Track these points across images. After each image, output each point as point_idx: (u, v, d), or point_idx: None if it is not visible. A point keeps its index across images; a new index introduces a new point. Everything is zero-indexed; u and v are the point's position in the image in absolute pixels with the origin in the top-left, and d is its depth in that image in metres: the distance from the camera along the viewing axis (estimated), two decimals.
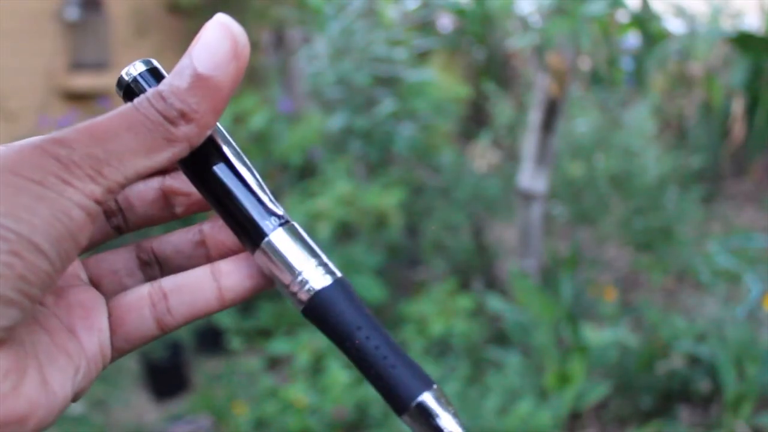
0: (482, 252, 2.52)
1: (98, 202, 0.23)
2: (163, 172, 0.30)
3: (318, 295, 0.26)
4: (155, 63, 0.27)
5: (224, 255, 0.29)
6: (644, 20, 2.02)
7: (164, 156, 0.24)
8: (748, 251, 2.43)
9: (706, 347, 1.78)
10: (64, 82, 3.58)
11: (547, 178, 2.14)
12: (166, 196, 0.30)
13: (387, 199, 2.22)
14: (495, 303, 2.00)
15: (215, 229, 0.30)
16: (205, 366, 2.25)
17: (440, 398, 0.24)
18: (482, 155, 3.11)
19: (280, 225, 0.27)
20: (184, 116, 0.24)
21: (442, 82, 2.86)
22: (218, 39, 0.24)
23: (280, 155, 2.67)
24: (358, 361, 0.26)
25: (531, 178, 2.12)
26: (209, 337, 2.28)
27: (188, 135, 0.24)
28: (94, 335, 0.27)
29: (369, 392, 1.73)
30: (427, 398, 0.24)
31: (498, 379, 1.72)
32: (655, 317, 1.95)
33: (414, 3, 2.78)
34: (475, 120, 3.44)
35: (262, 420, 1.74)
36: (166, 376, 2.16)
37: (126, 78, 0.27)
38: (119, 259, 0.30)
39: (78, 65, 3.66)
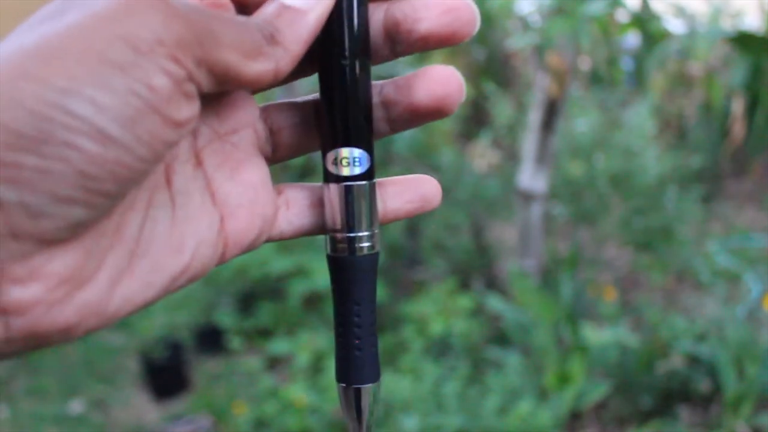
0: (482, 252, 2.52)
1: (187, 74, 0.21)
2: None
3: (353, 260, 0.27)
4: None
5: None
6: (644, 20, 2.02)
7: (254, 67, 0.23)
8: (748, 251, 2.43)
9: (706, 347, 1.77)
10: None
11: (547, 178, 2.14)
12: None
13: None
14: (495, 303, 2.00)
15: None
16: (205, 366, 2.25)
17: (375, 394, 0.28)
18: (482, 155, 3.11)
19: (368, 177, 0.27)
20: (273, 38, 0.24)
21: None
22: None
23: None
24: (338, 325, 0.28)
25: (531, 178, 2.12)
26: (209, 337, 2.28)
27: (277, 57, 0.24)
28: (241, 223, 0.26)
29: None
30: (364, 390, 0.28)
31: (498, 379, 1.72)
32: (655, 317, 1.95)
33: None
34: (475, 120, 3.43)
35: (262, 420, 1.74)
36: (166, 376, 2.16)
37: None
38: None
39: None
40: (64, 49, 0.20)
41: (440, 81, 0.27)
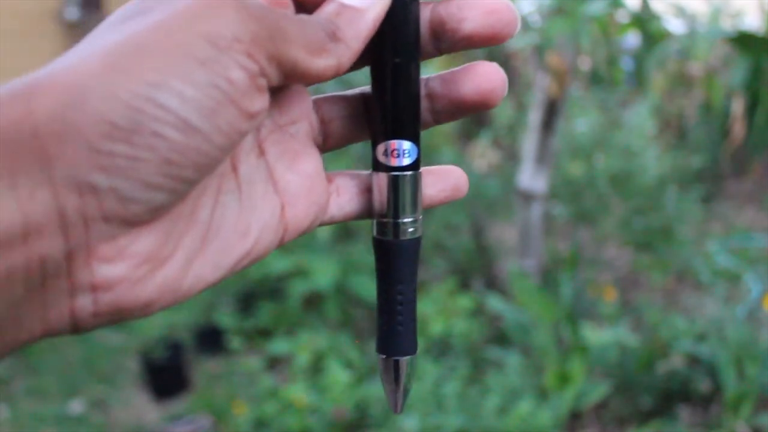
0: (482, 252, 2.52)
1: (261, 69, 0.23)
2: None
3: (398, 243, 0.29)
4: None
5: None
6: (644, 20, 2.02)
7: (319, 63, 0.24)
8: (748, 251, 2.43)
9: (706, 347, 1.77)
10: None
11: (547, 178, 2.14)
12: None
13: None
14: (495, 303, 2.00)
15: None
16: (205, 366, 2.25)
17: (412, 365, 0.31)
18: (482, 155, 3.11)
19: (414, 168, 0.29)
20: (335, 35, 0.25)
21: None
22: None
23: None
24: (382, 302, 0.30)
25: (531, 178, 2.12)
26: (209, 337, 2.28)
27: (339, 53, 0.25)
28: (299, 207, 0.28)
29: (369, 392, 1.73)
30: (403, 361, 0.30)
31: (498, 379, 1.72)
32: (655, 317, 1.95)
33: None
34: (475, 120, 3.44)
35: (262, 420, 1.74)
36: (166, 376, 2.16)
37: None
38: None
39: None
40: (151, 45, 0.21)
41: (486, 76, 0.28)
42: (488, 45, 0.28)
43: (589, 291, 2.21)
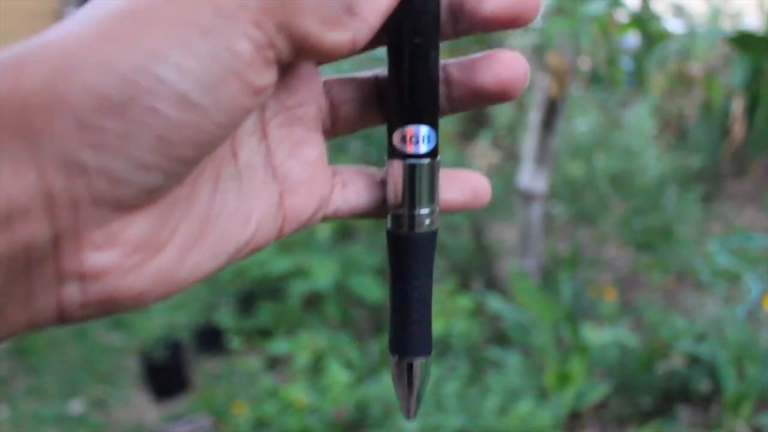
0: (482, 252, 2.52)
1: (269, 40, 0.21)
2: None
3: (414, 236, 0.28)
4: None
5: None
6: (644, 20, 2.02)
7: (333, 36, 0.22)
8: (748, 251, 2.43)
9: (706, 347, 1.77)
10: None
11: (547, 178, 2.14)
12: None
13: None
14: (495, 303, 2.00)
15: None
16: (205, 366, 2.25)
17: (427, 367, 0.29)
18: (482, 155, 3.11)
19: (432, 156, 0.27)
20: (351, 9, 0.23)
21: None
22: None
23: None
24: (396, 299, 0.28)
25: (531, 178, 2.12)
26: (209, 337, 2.28)
27: (355, 27, 0.23)
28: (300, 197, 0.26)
29: (369, 392, 1.73)
30: (417, 363, 0.28)
31: (498, 379, 1.72)
32: (655, 317, 1.95)
33: None
34: (475, 120, 3.44)
35: (262, 420, 1.74)
36: (166, 376, 2.16)
37: None
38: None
39: None
40: (150, 13, 0.20)
41: (507, 65, 0.27)
42: (509, 28, 0.26)
43: (589, 291, 2.21)
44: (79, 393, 2.19)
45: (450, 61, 0.28)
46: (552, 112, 2.04)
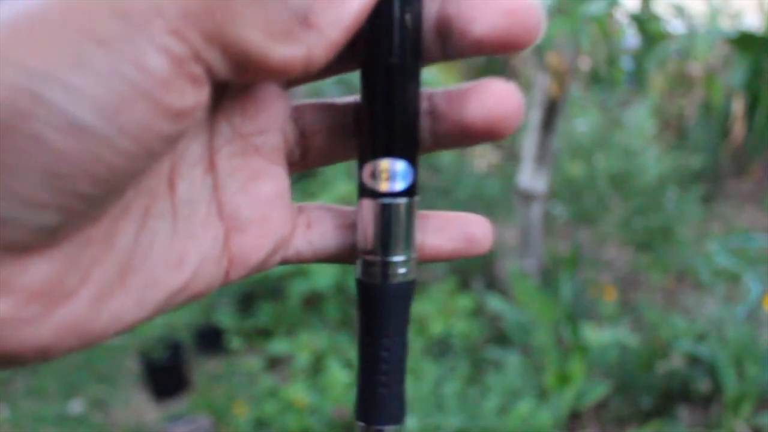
0: None
1: (193, 53, 0.17)
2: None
3: (386, 287, 0.24)
4: None
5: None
6: (644, 20, 2.02)
7: (280, 51, 0.19)
8: (748, 251, 2.43)
9: (706, 347, 1.77)
10: None
11: (547, 178, 2.14)
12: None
13: None
14: (495, 303, 2.00)
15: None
16: (205, 366, 2.25)
17: None
18: (482, 155, 3.11)
19: (409, 194, 0.24)
20: (306, 20, 0.20)
21: (442, 81, 2.87)
22: None
23: None
24: (363, 358, 0.25)
25: (531, 178, 2.12)
26: (209, 337, 2.28)
27: (310, 42, 0.20)
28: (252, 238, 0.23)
29: None
30: (388, 431, 0.25)
31: (498, 379, 1.72)
32: (655, 317, 1.95)
33: None
34: None
35: (262, 420, 1.74)
36: (166, 376, 2.16)
37: None
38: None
39: None
40: (39, 23, 0.16)
41: (498, 98, 0.23)
42: (503, 52, 0.22)
43: (589, 291, 2.21)
44: (79, 393, 2.19)
45: (437, 90, 0.24)
46: (552, 112, 2.04)
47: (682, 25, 2.88)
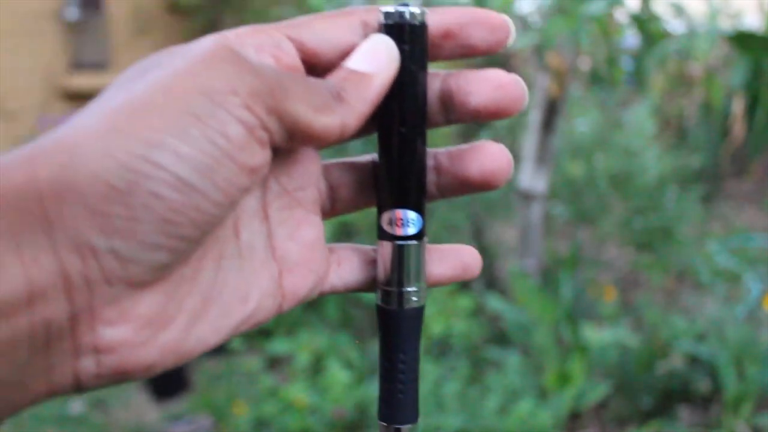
0: (482, 252, 2.50)
1: (260, 122, 0.23)
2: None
3: (402, 312, 0.30)
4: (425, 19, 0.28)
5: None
6: (644, 20, 2.02)
7: (322, 120, 0.24)
8: (748, 251, 2.43)
9: (706, 347, 1.78)
10: (63, 82, 3.58)
11: (547, 178, 2.14)
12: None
13: None
14: (495, 303, 2.00)
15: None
16: (205, 366, 2.25)
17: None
18: None
19: (419, 238, 0.29)
20: (339, 96, 0.25)
21: None
22: (373, 45, 0.27)
23: None
24: (383, 369, 0.31)
25: (531, 178, 2.12)
26: None
27: (343, 113, 0.25)
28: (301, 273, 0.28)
29: (369, 392, 1.73)
30: (404, 430, 0.32)
31: (498, 379, 1.72)
32: (655, 317, 1.95)
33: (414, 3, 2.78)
34: None
35: (262, 420, 1.74)
36: (166, 376, 2.16)
37: (397, 19, 0.27)
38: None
39: (78, 65, 3.66)
40: (148, 103, 0.21)
41: (491, 157, 0.28)
42: (495, 119, 0.28)
43: (589, 291, 2.21)
44: None
45: (440, 150, 0.29)
46: (552, 112, 2.04)
47: (682, 24, 2.88)
